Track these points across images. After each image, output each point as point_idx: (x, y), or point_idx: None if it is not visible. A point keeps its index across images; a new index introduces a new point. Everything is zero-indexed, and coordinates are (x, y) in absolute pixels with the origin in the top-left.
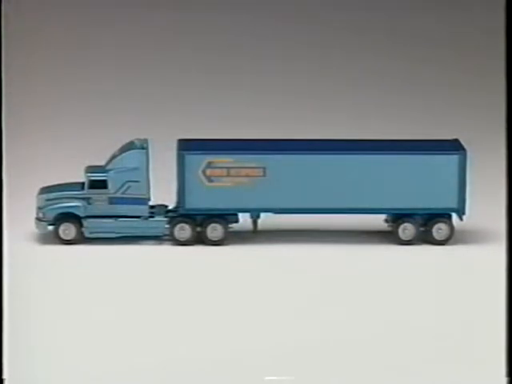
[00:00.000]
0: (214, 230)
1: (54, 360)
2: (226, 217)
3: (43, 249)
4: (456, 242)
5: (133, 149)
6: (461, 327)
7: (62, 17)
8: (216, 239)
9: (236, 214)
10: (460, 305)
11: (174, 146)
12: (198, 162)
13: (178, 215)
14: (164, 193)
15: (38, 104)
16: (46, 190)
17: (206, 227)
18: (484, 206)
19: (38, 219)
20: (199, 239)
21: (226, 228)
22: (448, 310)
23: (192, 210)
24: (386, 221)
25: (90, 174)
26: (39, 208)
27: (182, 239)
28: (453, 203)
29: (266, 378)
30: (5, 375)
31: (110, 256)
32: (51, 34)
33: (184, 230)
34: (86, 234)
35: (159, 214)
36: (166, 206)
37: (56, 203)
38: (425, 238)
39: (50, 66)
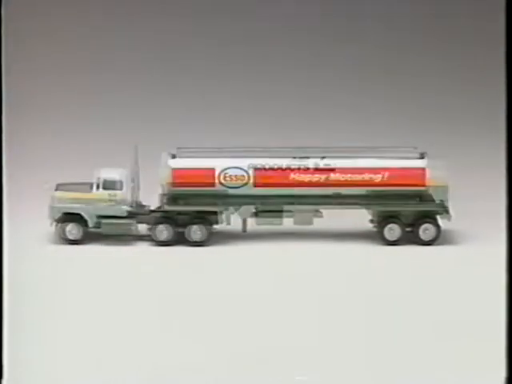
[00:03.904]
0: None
1: (55, 359)
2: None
3: (42, 248)
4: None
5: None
6: (458, 327)
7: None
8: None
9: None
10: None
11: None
12: None
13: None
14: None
15: (38, 105)
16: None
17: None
18: (484, 206)
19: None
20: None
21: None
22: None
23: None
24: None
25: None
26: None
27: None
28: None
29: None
30: (5, 375)
31: (109, 256)
32: (51, 34)
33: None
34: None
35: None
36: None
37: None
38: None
39: (51, 67)
